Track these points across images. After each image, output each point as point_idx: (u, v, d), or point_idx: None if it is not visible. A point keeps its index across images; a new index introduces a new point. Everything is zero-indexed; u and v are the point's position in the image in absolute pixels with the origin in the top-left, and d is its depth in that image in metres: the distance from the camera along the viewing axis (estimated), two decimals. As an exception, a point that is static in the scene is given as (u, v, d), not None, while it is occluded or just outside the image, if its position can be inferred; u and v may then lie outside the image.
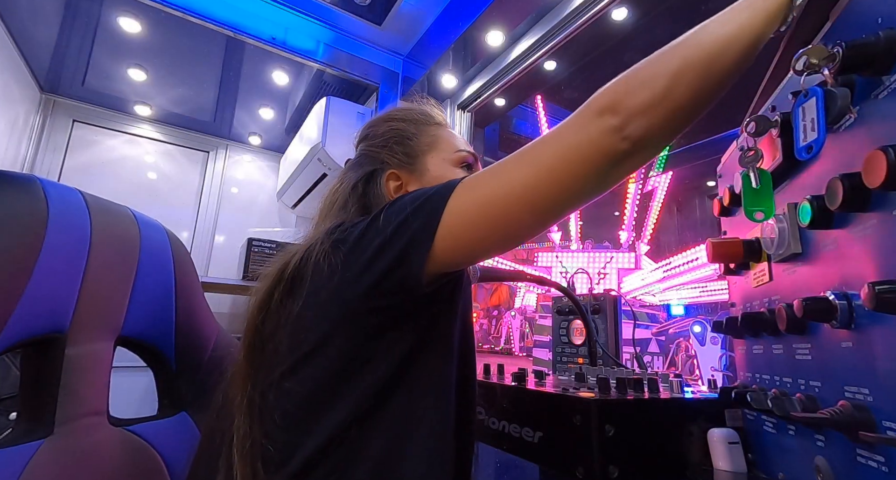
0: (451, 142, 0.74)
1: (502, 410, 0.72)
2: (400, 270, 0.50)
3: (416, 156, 0.72)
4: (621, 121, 0.43)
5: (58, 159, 2.33)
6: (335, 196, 0.70)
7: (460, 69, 1.92)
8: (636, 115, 0.43)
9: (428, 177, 0.70)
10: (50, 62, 2.09)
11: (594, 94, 0.46)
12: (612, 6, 1.44)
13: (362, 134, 0.79)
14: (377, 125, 0.76)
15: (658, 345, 3.19)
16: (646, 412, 0.60)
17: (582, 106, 0.47)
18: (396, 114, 0.77)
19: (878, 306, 0.34)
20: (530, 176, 0.47)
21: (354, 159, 0.76)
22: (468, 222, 0.49)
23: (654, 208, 5.49)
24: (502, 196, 0.47)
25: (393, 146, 0.72)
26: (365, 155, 0.74)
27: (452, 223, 0.49)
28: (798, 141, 0.46)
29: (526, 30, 1.67)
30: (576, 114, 0.47)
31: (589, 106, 0.46)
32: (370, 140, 0.75)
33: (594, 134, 0.44)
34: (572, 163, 0.45)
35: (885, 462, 0.37)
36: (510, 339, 6.54)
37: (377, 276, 0.51)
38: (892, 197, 0.36)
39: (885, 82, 0.39)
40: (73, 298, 0.62)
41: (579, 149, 0.45)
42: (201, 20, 1.69)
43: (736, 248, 0.60)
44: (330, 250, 0.55)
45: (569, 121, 0.47)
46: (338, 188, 0.71)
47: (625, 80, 0.45)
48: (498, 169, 0.49)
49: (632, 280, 4.99)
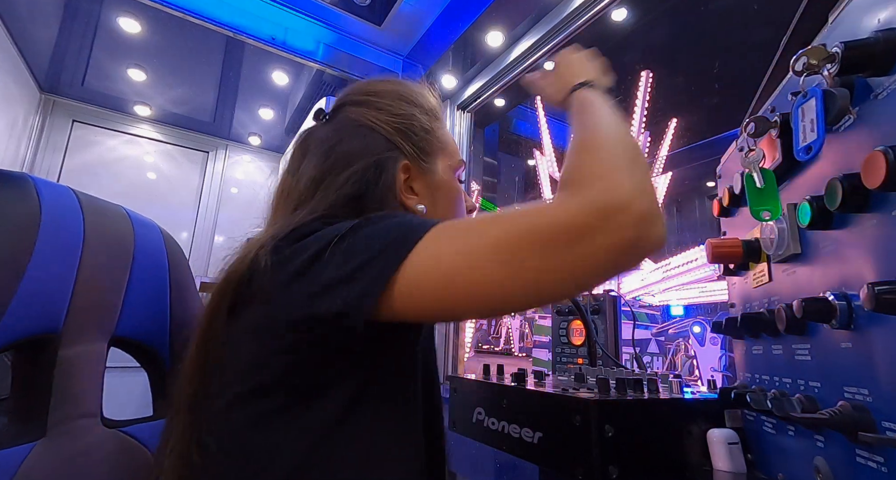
0: (454, 145, 0.69)
1: (502, 410, 0.72)
2: (347, 320, 0.43)
3: (429, 154, 0.64)
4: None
5: (57, 159, 2.33)
6: (320, 172, 0.58)
7: (460, 69, 1.92)
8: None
9: (436, 180, 0.64)
10: (49, 62, 2.09)
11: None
12: (611, 6, 1.44)
13: (358, 96, 0.66)
14: (387, 97, 0.64)
15: (658, 346, 3.18)
16: (645, 412, 0.60)
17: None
18: (410, 94, 0.66)
19: (878, 307, 0.34)
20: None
21: (347, 126, 0.62)
22: (440, 278, 0.42)
23: (653, 208, 5.49)
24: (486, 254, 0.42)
25: (411, 134, 0.62)
26: (368, 128, 0.61)
27: (420, 276, 0.42)
28: (797, 141, 0.46)
29: (526, 30, 1.67)
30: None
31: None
32: (377, 112, 0.63)
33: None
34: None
35: (885, 463, 0.37)
36: (510, 340, 6.54)
37: (321, 316, 0.43)
38: (892, 197, 0.36)
39: (884, 83, 0.39)
40: (67, 298, 0.61)
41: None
42: (201, 20, 1.69)
43: (735, 249, 0.60)
44: (273, 268, 0.46)
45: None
46: (324, 164, 0.59)
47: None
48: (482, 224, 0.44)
49: (631, 280, 4.99)
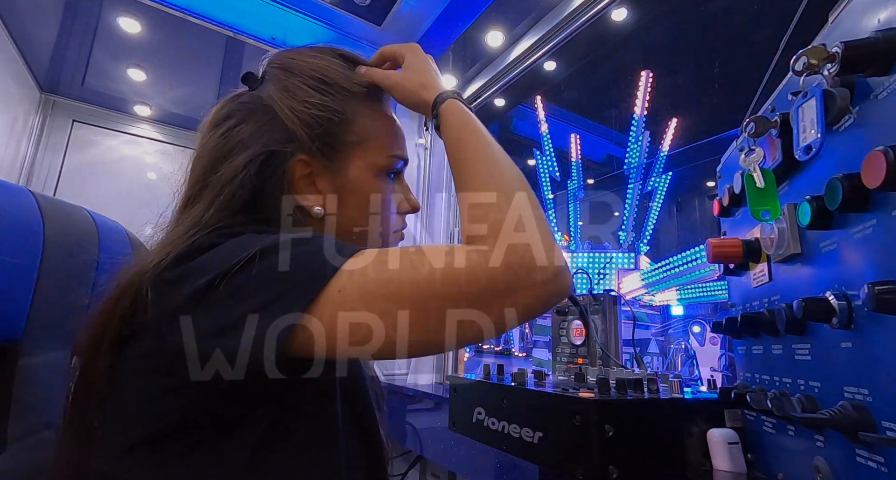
0: (385, 139, 0.57)
1: (502, 410, 0.72)
2: (254, 364, 0.39)
3: (338, 150, 0.54)
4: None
5: (57, 159, 2.33)
6: (212, 160, 0.52)
7: (460, 69, 1.92)
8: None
9: (345, 180, 0.54)
10: (50, 62, 2.09)
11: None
12: (611, 6, 1.44)
13: (278, 66, 0.57)
14: (302, 75, 0.55)
15: (658, 346, 3.19)
16: (645, 412, 0.60)
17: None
18: (333, 74, 0.56)
19: (878, 306, 0.34)
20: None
21: (253, 104, 0.54)
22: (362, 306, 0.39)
23: (653, 208, 5.50)
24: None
25: (315, 125, 0.53)
26: (270, 111, 0.53)
27: (328, 323, 0.39)
28: (797, 141, 0.46)
29: (526, 30, 1.67)
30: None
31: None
32: (284, 93, 0.54)
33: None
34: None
35: (885, 463, 0.37)
36: (510, 340, 6.54)
37: (214, 355, 0.39)
38: (892, 197, 0.36)
39: (884, 83, 0.39)
40: (27, 304, 0.58)
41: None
42: (201, 20, 1.69)
43: (736, 249, 0.60)
44: (159, 298, 0.41)
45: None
46: (219, 149, 0.52)
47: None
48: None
49: (632, 280, 4.99)
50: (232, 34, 1.76)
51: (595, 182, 8.96)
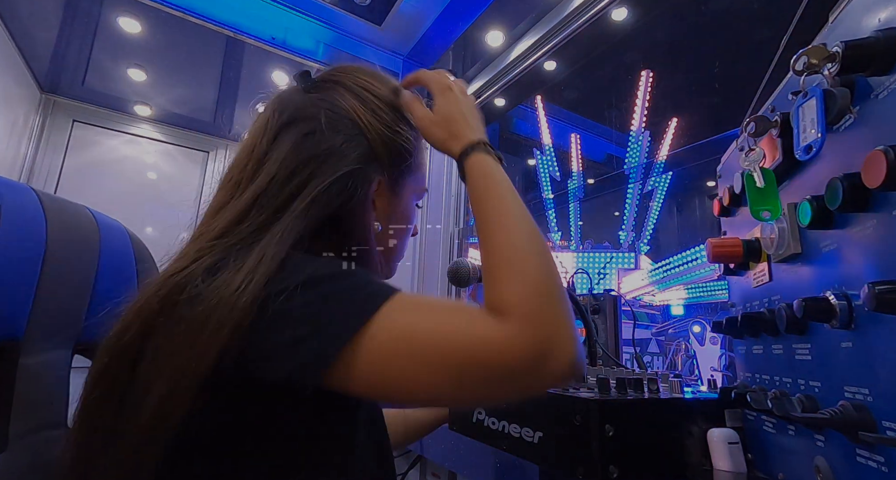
0: (425, 169, 0.63)
1: (502, 410, 0.72)
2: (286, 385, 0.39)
3: (403, 175, 0.57)
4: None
5: (58, 159, 2.33)
6: (289, 168, 0.49)
7: (460, 69, 1.92)
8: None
9: (397, 204, 0.58)
10: (50, 62, 2.09)
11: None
12: (612, 6, 1.44)
13: (352, 83, 0.56)
14: (380, 100, 0.56)
15: (658, 346, 3.19)
16: (646, 412, 0.59)
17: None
18: (402, 108, 0.59)
19: (878, 306, 0.34)
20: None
21: (335, 112, 0.53)
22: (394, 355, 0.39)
23: (653, 208, 5.50)
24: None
25: (394, 151, 0.55)
26: (357, 128, 0.53)
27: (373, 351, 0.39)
28: (798, 141, 0.46)
29: (526, 30, 1.67)
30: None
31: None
32: (370, 114, 0.54)
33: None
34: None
35: (885, 463, 0.37)
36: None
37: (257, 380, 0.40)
38: (892, 197, 0.36)
39: (885, 82, 0.39)
40: (29, 303, 0.58)
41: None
42: (201, 20, 1.70)
43: (736, 248, 0.60)
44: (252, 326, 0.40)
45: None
46: (299, 153, 0.50)
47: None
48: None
49: (632, 280, 4.99)
50: (232, 34, 1.76)
51: (595, 182, 8.98)
